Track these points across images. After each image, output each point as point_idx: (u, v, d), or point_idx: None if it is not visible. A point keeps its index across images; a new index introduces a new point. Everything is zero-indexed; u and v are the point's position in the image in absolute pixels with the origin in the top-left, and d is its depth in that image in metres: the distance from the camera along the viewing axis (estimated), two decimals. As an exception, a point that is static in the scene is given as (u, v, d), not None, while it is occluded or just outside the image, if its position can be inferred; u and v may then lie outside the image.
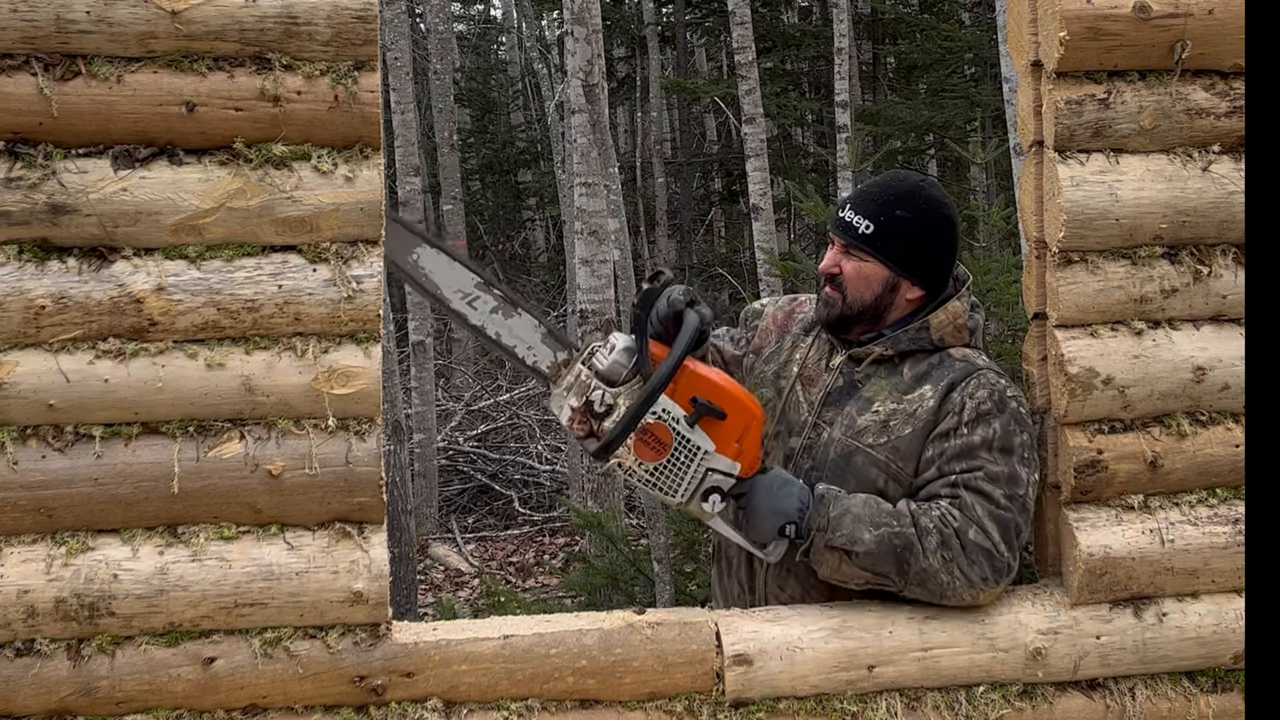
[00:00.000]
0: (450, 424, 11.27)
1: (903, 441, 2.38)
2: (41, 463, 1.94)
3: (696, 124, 18.74)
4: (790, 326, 2.66)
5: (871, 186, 2.52)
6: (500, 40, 23.22)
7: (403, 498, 6.38)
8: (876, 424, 2.41)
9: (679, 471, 2.27)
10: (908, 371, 2.44)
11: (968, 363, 2.41)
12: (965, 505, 2.26)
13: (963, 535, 2.23)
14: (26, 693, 1.95)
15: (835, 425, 2.46)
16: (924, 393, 2.40)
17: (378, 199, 2.00)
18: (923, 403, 2.39)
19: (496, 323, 2.36)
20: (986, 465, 2.28)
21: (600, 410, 2.24)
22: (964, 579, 2.21)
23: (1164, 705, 2.17)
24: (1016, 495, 2.24)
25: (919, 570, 2.22)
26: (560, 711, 2.07)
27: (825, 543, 2.26)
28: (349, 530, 2.02)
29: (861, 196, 2.49)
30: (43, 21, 1.89)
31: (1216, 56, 2.11)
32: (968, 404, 2.33)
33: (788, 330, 2.65)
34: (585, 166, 7.24)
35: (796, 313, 2.68)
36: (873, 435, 2.41)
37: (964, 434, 2.32)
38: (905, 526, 2.25)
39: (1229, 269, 2.15)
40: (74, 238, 1.94)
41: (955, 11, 14.80)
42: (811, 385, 2.54)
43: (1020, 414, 2.30)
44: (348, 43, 1.97)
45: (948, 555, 2.22)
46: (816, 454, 2.46)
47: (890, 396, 2.43)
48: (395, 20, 9.74)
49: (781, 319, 2.69)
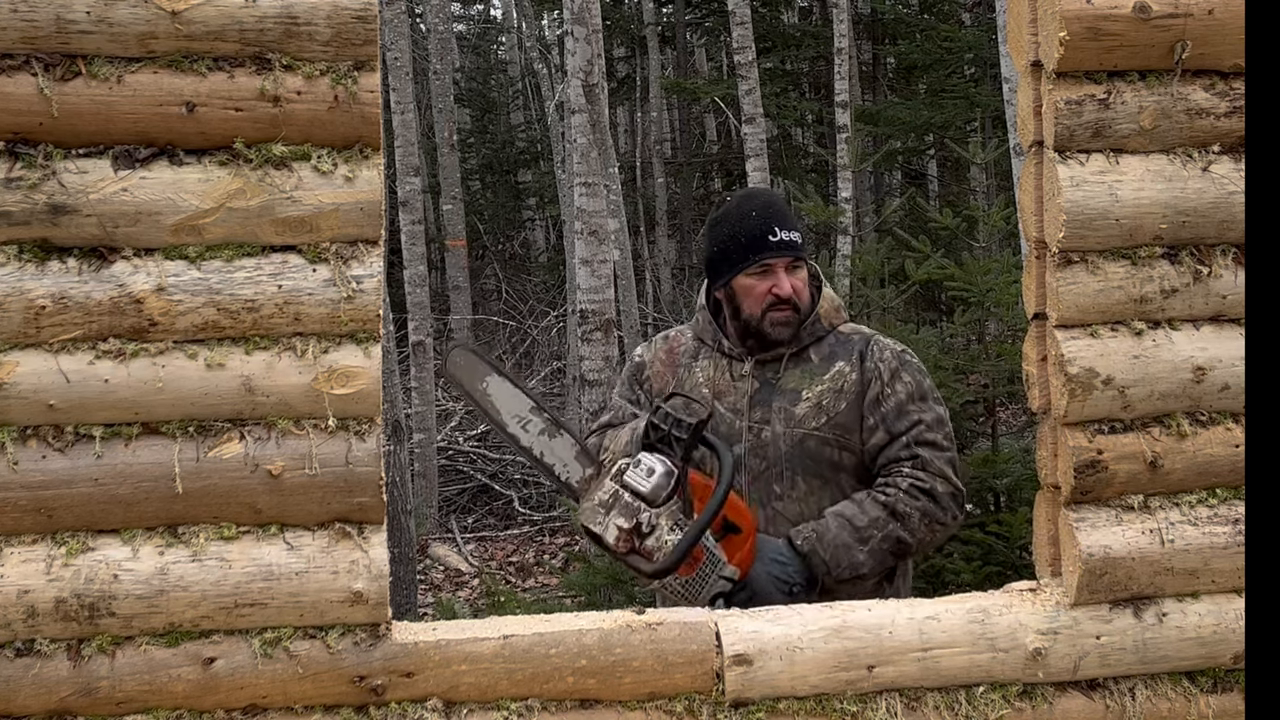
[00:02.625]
0: (450, 424, 11.27)
1: (842, 415, 2.69)
2: (41, 463, 1.94)
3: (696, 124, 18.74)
4: (677, 359, 2.85)
5: (765, 205, 2.77)
6: (500, 40, 23.22)
7: (403, 498, 6.38)
8: (812, 408, 2.70)
9: (703, 582, 2.51)
10: (814, 356, 2.74)
11: (860, 334, 2.77)
12: (925, 461, 2.64)
13: (934, 494, 2.61)
14: (26, 693, 1.95)
15: (773, 422, 2.71)
16: (840, 369, 2.71)
17: (378, 199, 2.00)
18: (845, 377, 2.70)
19: (542, 443, 2.69)
20: (921, 415, 2.67)
21: (645, 530, 2.44)
22: (943, 527, 2.64)
23: (1164, 705, 2.17)
24: (949, 432, 2.69)
25: (914, 547, 2.62)
26: (560, 711, 2.07)
27: (835, 580, 2.56)
28: (349, 530, 2.02)
29: (771, 214, 2.73)
30: (43, 21, 1.89)
31: (1216, 56, 2.11)
32: (881, 367, 2.70)
33: (677, 364, 2.85)
34: (585, 166, 7.24)
35: (676, 348, 2.88)
36: (814, 419, 2.69)
37: (890, 393, 2.68)
38: (887, 525, 2.62)
39: (1229, 269, 2.15)
40: (74, 238, 1.94)
41: (955, 11, 14.80)
42: (725, 398, 2.76)
43: (916, 363, 2.74)
44: (348, 43, 1.97)
45: (928, 521, 2.62)
46: (766, 452, 2.70)
47: (812, 382, 2.71)
48: (395, 20, 9.74)
49: (665, 358, 2.87)
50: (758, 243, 2.70)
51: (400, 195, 10.22)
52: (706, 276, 2.88)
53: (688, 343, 2.87)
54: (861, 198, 12.68)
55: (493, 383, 2.68)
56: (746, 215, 2.74)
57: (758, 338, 2.75)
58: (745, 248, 2.72)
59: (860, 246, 8.84)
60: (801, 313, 2.74)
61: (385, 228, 2.04)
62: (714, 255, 2.79)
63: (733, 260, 2.74)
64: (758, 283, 2.72)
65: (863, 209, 12.20)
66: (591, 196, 7.17)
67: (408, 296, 10.02)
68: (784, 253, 2.71)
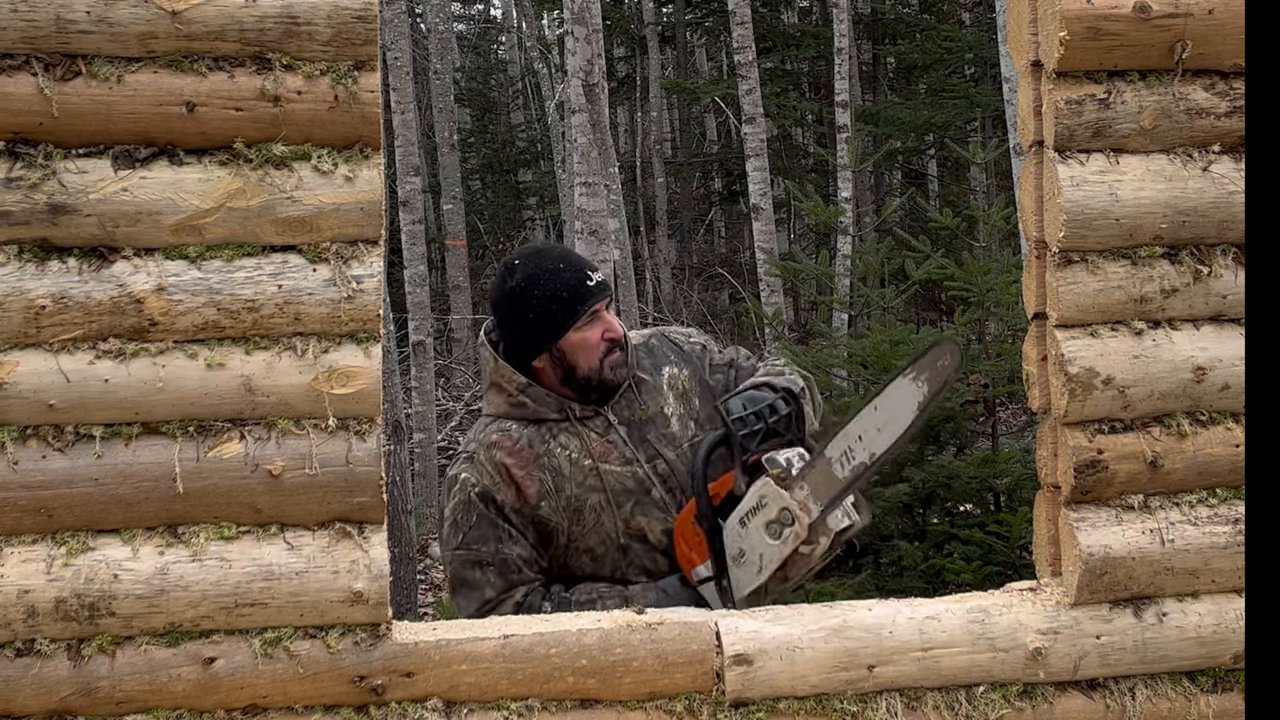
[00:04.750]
0: (450, 424, 11.27)
1: (703, 410, 2.70)
2: (42, 463, 1.94)
3: (696, 124, 18.75)
4: (531, 456, 2.60)
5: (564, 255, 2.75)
6: (500, 40, 23.22)
7: (403, 498, 6.38)
8: (681, 418, 2.70)
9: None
10: (641, 375, 2.71)
11: (647, 338, 2.80)
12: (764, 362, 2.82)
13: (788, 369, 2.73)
14: (26, 693, 1.95)
15: (662, 454, 2.65)
16: (669, 371, 2.73)
17: (378, 199, 2.00)
18: (679, 376, 2.73)
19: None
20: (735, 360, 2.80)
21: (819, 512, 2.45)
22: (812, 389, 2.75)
23: (1164, 705, 2.17)
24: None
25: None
26: (560, 711, 2.07)
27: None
28: (349, 530, 2.02)
29: (576, 260, 2.71)
30: (43, 21, 1.89)
31: (1216, 56, 2.11)
32: (686, 345, 2.78)
33: (536, 460, 2.59)
34: (585, 166, 7.24)
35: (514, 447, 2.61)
36: (692, 427, 2.69)
37: (711, 358, 2.78)
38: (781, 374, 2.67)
39: (1229, 269, 2.15)
40: (74, 238, 1.94)
41: (955, 11, 14.81)
42: (608, 457, 2.63)
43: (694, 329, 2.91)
44: (348, 43, 1.97)
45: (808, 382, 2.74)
46: (673, 481, 2.64)
47: (659, 397, 2.70)
48: (395, 20, 9.74)
49: (516, 463, 2.59)
50: (579, 292, 2.58)
51: (400, 195, 10.23)
52: (521, 349, 2.64)
53: (523, 433, 2.61)
54: (861, 198, 12.69)
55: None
56: (555, 271, 2.60)
57: (599, 390, 2.62)
58: (569, 301, 2.57)
59: (860, 246, 8.83)
60: (627, 348, 2.66)
61: (385, 227, 2.04)
62: (532, 322, 2.59)
63: (559, 319, 2.58)
64: (590, 333, 2.59)
65: (863, 209, 12.21)
66: (591, 196, 7.17)
67: (408, 296, 10.02)
68: (604, 294, 2.62)
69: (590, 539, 2.61)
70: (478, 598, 2.56)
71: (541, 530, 2.59)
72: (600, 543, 2.61)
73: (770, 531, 2.40)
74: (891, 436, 2.32)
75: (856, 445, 2.34)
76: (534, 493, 2.58)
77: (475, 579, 2.57)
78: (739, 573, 2.46)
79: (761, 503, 2.41)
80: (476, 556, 2.56)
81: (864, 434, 2.34)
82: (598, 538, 2.60)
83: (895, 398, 2.32)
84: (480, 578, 2.56)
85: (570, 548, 2.61)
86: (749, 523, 2.43)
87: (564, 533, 2.59)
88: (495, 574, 2.56)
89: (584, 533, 2.60)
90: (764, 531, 2.41)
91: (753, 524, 2.42)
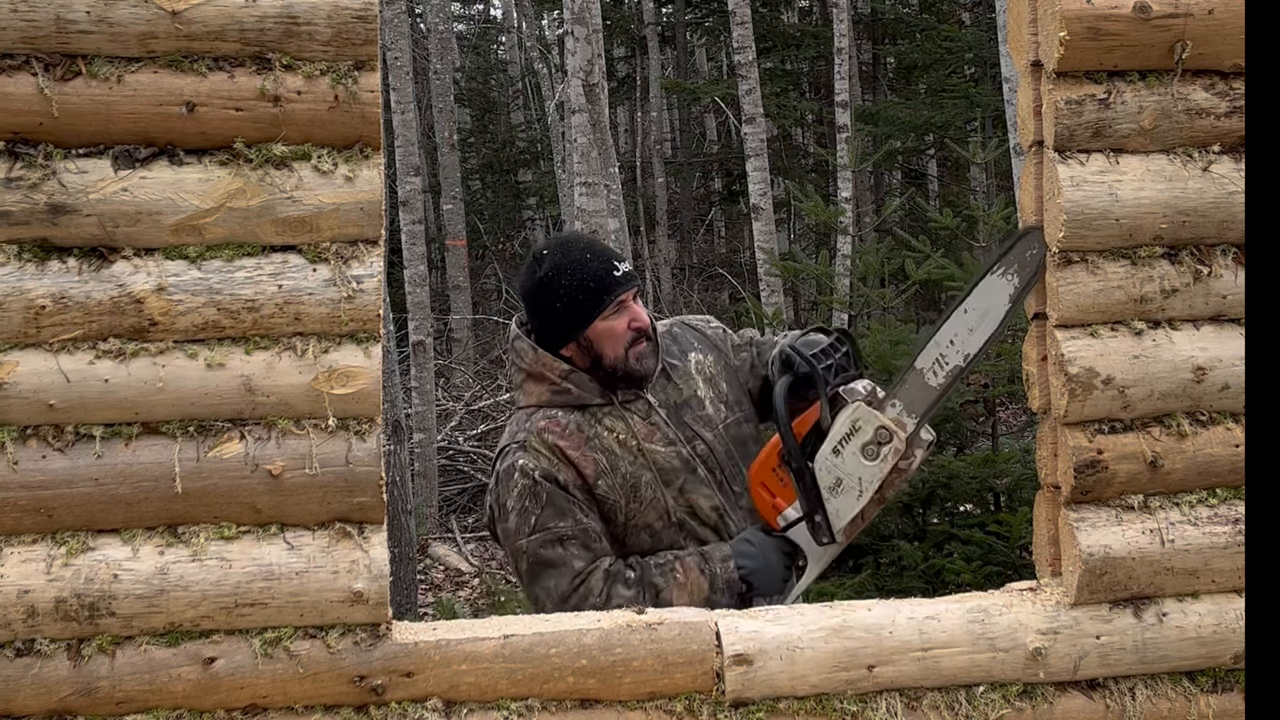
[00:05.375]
0: (450, 424, 11.26)
1: (733, 390, 2.81)
2: (42, 463, 1.94)
3: (696, 124, 18.75)
4: (582, 439, 2.64)
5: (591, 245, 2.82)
6: (500, 40, 23.23)
7: (403, 498, 6.38)
8: (715, 400, 2.77)
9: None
10: (671, 361, 2.78)
11: (669, 320, 2.89)
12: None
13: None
14: (26, 693, 1.95)
15: (700, 435, 2.73)
16: (696, 357, 2.82)
17: (378, 199, 2.00)
18: (705, 361, 2.81)
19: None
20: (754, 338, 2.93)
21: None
22: None
23: (1164, 705, 2.17)
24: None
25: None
26: (560, 711, 2.07)
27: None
28: (349, 530, 2.02)
29: (604, 251, 2.75)
30: (43, 21, 1.89)
31: (1216, 56, 2.11)
32: (708, 330, 2.89)
33: (588, 442, 2.64)
34: (585, 166, 7.24)
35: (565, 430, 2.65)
36: (725, 409, 2.77)
37: (731, 339, 2.90)
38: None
39: (1229, 269, 2.15)
40: (74, 238, 1.94)
41: (955, 11, 14.81)
42: (653, 439, 2.70)
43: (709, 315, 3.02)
44: (348, 43, 1.97)
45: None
46: (713, 462, 2.72)
47: (691, 381, 2.77)
48: (395, 20, 9.74)
49: (570, 446, 2.63)
50: (606, 282, 2.63)
51: (400, 195, 10.22)
52: (549, 338, 2.69)
53: (569, 419, 2.66)
54: (861, 198, 12.69)
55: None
56: (582, 261, 2.65)
57: (626, 379, 2.67)
58: (596, 291, 2.62)
59: (860, 246, 8.84)
60: (654, 338, 2.71)
61: (385, 227, 2.04)
62: (560, 311, 2.65)
63: (585, 309, 2.63)
64: (616, 322, 2.64)
65: (863, 209, 12.21)
66: (591, 196, 7.17)
67: (408, 296, 10.02)
68: (631, 284, 2.67)
69: (649, 515, 2.67)
70: (567, 573, 2.58)
71: (601, 508, 2.65)
72: (658, 518, 2.67)
73: (867, 454, 2.46)
74: (986, 333, 2.36)
75: (949, 350, 2.38)
76: (591, 472, 2.63)
77: (558, 556, 2.59)
78: (837, 502, 2.51)
79: (855, 427, 2.47)
80: (555, 534, 2.59)
81: (955, 337, 2.38)
82: (655, 513, 2.67)
83: (986, 295, 2.33)
84: (564, 554, 2.59)
85: (629, 525, 2.67)
86: (843, 449, 2.48)
87: (622, 510, 2.65)
88: (578, 546, 2.60)
89: (641, 509, 2.66)
90: (860, 455, 2.47)
91: (847, 450, 2.47)
